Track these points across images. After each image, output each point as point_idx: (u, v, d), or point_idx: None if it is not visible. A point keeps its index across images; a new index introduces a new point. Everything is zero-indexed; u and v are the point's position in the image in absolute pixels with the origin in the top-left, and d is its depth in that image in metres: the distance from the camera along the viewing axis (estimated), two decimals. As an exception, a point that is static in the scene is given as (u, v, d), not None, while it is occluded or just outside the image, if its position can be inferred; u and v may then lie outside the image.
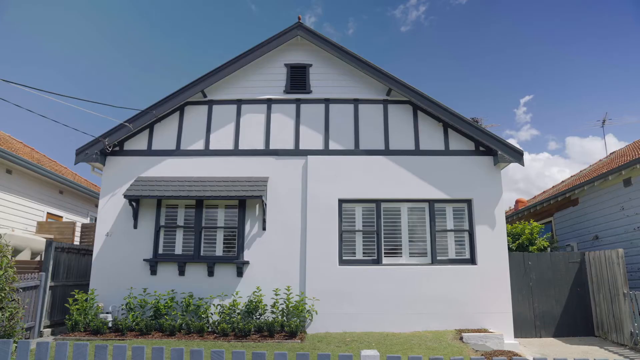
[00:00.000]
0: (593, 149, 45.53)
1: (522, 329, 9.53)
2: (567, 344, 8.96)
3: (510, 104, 55.23)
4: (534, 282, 9.85)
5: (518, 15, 40.57)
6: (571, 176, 17.61)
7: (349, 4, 45.35)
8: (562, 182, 17.58)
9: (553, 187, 18.03)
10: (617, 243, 10.84)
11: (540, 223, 14.39)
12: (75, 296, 8.33)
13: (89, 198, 14.93)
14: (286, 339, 7.70)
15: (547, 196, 14.87)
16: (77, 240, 12.41)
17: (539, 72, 48.70)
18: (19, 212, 11.57)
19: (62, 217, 13.41)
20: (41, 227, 11.55)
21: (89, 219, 15.08)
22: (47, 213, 12.67)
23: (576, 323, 9.77)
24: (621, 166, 10.31)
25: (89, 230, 12.30)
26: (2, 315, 3.87)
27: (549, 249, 12.18)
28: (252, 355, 2.83)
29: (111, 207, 9.42)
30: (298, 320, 8.12)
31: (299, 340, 7.66)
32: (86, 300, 8.41)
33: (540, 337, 9.65)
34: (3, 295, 3.93)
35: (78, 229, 12.86)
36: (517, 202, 17.70)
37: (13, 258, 4.90)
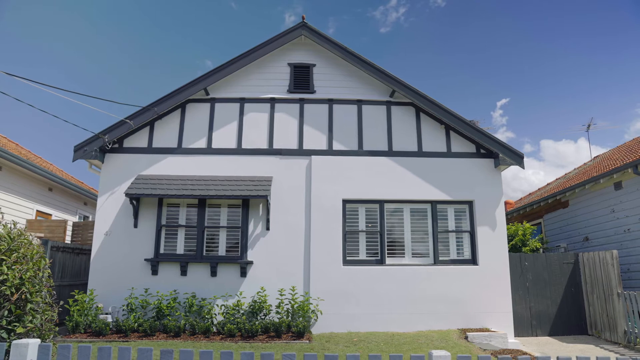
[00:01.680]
0: (566, 152, 46.86)
1: (518, 328, 9.73)
2: (564, 343, 9.21)
3: (488, 106, 56.40)
4: (530, 282, 10.08)
5: (497, 17, 41.42)
6: (556, 179, 18.08)
7: (330, 3, 45.43)
8: (548, 184, 18.05)
9: (539, 189, 18.48)
10: (607, 244, 11.19)
11: (530, 224, 14.72)
12: (76, 297, 8.11)
13: (78, 195, 14.54)
14: (294, 340, 7.67)
15: (535, 198, 15.24)
16: (67, 239, 12.07)
17: (515, 76, 49.82)
18: (8, 209, 11.18)
19: (51, 215, 13.02)
20: (31, 226, 11.19)
21: (77, 217, 14.69)
22: (37, 211, 12.28)
23: (570, 322, 10.04)
24: (613, 170, 10.64)
25: (80, 229, 11.99)
26: (41, 318, 3.73)
27: (541, 250, 12.50)
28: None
29: (110, 206, 9.20)
30: (304, 321, 8.11)
31: (307, 341, 7.65)
32: (86, 300, 8.19)
33: (536, 336, 9.89)
34: (41, 297, 3.79)
35: (69, 228, 12.51)
36: (505, 203, 18.08)
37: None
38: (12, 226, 3.92)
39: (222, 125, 9.74)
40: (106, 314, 8.44)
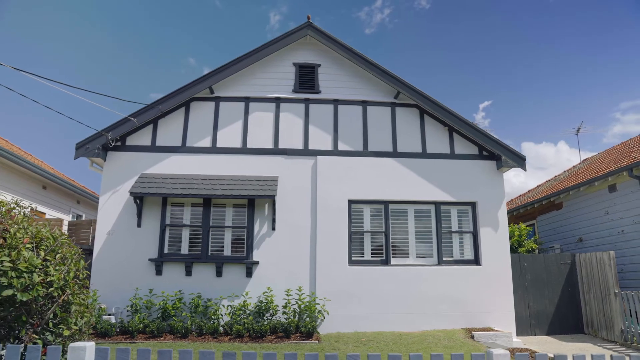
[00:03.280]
0: (547, 155, 47.72)
1: (518, 327, 9.87)
2: (562, 342, 9.41)
3: (471, 109, 57.23)
4: (528, 282, 10.27)
5: (481, 19, 42.00)
6: (546, 181, 18.45)
7: (315, 4, 45.31)
8: (539, 186, 18.42)
9: (529, 191, 18.85)
10: (601, 246, 11.48)
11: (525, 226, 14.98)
12: (79, 297, 7.94)
13: (72, 194, 14.25)
14: (303, 340, 7.67)
15: (527, 200, 15.53)
16: (62, 239, 11.80)
17: (498, 78, 50.62)
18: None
19: (45, 213, 12.73)
20: (25, 224, 10.89)
21: (70, 215, 14.39)
22: (31, 209, 11.97)
23: (567, 321, 10.26)
24: (608, 173, 10.92)
25: (76, 228, 11.75)
26: (81, 320, 3.65)
27: (536, 251, 12.75)
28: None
29: (112, 205, 9.05)
30: (312, 321, 8.11)
31: (316, 341, 7.65)
32: (89, 301, 8.02)
33: (535, 335, 10.08)
34: (80, 299, 3.70)
35: (64, 227, 12.25)
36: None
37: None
38: (47, 224, 3.84)
39: (226, 124, 9.67)
40: (109, 314, 8.30)
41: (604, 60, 41.31)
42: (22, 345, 2.52)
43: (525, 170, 9.66)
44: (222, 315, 8.40)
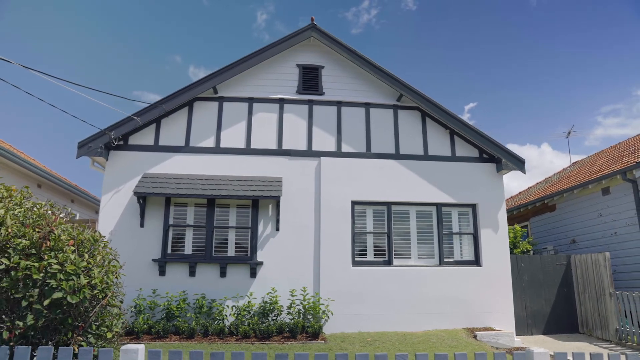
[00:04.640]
0: (530, 157, 48.44)
1: (515, 326, 10.06)
2: (560, 341, 9.62)
3: (456, 110, 57.79)
4: (526, 283, 10.48)
5: (469, 20, 42.45)
6: (537, 183, 18.81)
7: (302, 3, 45.21)
8: (530, 188, 18.77)
9: (521, 192, 19.19)
10: (594, 247, 11.76)
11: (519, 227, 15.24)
12: (83, 298, 7.85)
13: (67, 193, 14.03)
14: (309, 340, 7.71)
15: (520, 202, 15.81)
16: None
17: (483, 78, 51.24)
18: (-2, 207, 10.66)
19: (39, 213, 12.48)
20: (21, 224, 10.69)
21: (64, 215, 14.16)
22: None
23: (563, 321, 10.50)
24: (602, 176, 11.19)
25: (72, 228, 11.57)
26: (119, 322, 3.63)
27: (531, 252, 12.99)
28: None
29: (114, 205, 8.96)
30: (317, 321, 8.16)
31: (323, 341, 7.70)
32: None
33: (532, 334, 10.28)
34: (120, 301, 3.68)
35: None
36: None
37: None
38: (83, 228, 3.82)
39: (230, 125, 9.65)
40: (112, 315, 8.22)
41: (592, 60, 42.06)
42: (72, 347, 2.51)
43: (524, 173, 9.85)
44: (226, 315, 8.39)
